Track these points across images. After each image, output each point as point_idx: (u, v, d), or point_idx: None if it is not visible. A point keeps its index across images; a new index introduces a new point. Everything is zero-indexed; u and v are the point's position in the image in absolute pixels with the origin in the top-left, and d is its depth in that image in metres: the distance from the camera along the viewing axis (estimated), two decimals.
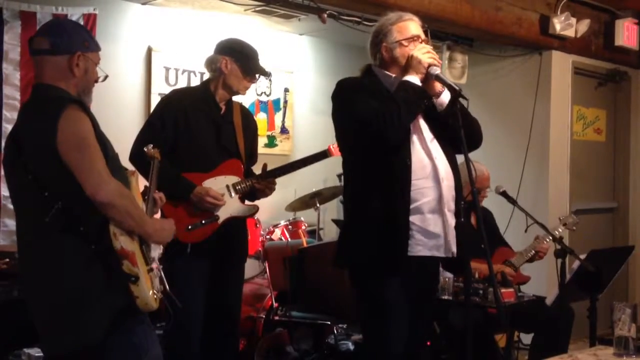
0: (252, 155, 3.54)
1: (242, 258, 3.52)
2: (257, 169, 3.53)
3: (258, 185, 3.38)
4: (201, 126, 3.30)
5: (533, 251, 4.04)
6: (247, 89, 3.42)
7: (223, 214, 3.29)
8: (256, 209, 3.45)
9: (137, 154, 3.14)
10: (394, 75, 2.80)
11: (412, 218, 2.67)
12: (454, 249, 2.75)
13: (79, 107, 2.21)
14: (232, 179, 3.34)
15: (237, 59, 3.32)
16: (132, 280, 2.16)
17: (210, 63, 3.37)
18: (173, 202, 3.12)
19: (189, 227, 3.20)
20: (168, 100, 3.40)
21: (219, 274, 3.32)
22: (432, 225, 2.70)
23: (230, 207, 3.32)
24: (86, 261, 2.18)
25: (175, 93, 3.50)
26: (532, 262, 4.09)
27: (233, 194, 3.33)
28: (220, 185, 3.30)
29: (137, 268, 2.18)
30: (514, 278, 3.89)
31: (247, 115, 3.54)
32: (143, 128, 3.36)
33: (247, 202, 3.44)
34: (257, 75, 3.41)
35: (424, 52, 2.71)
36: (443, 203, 2.71)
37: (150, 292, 2.21)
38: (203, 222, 3.23)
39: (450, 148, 2.81)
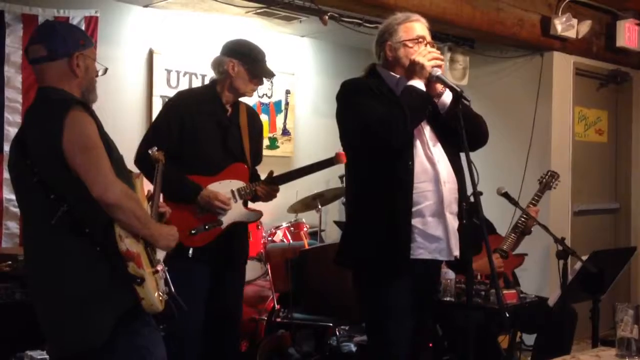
0: (257, 156, 3.52)
1: (243, 260, 3.51)
2: (262, 170, 3.52)
3: (260, 191, 3.35)
4: (207, 129, 3.28)
5: (521, 219, 4.00)
6: (254, 91, 3.41)
7: (227, 219, 3.27)
8: (260, 215, 3.43)
9: (142, 157, 3.14)
10: (398, 76, 2.79)
11: (414, 221, 2.67)
12: (456, 252, 2.75)
13: (83, 108, 2.21)
14: (237, 184, 3.32)
15: (245, 62, 3.30)
16: (138, 282, 2.17)
17: (217, 65, 3.35)
18: (177, 205, 3.08)
19: (192, 231, 3.18)
20: (174, 103, 3.38)
21: (220, 276, 3.31)
22: (433, 229, 2.70)
23: (234, 212, 3.29)
24: (92, 263, 2.18)
25: (181, 95, 3.46)
26: (523, 236, 4.05)
27: (238, 200, 3.31)
28: (225, 190, 3.28)
29: (142, 270, 2.18)
30: (506, 265, 3.89)
31: (253, 116, 3.51)
32: (148, 131, 3.35)
33: (249, 205, 3.42)
34: (264, 78, 3.42)
35: (424, 55, 2.69)
36: (445, 206, 2.70)
37: (156, 293, 2.22)
38: (207, 226, 3.20)
39: (454, 150, 2.80)
